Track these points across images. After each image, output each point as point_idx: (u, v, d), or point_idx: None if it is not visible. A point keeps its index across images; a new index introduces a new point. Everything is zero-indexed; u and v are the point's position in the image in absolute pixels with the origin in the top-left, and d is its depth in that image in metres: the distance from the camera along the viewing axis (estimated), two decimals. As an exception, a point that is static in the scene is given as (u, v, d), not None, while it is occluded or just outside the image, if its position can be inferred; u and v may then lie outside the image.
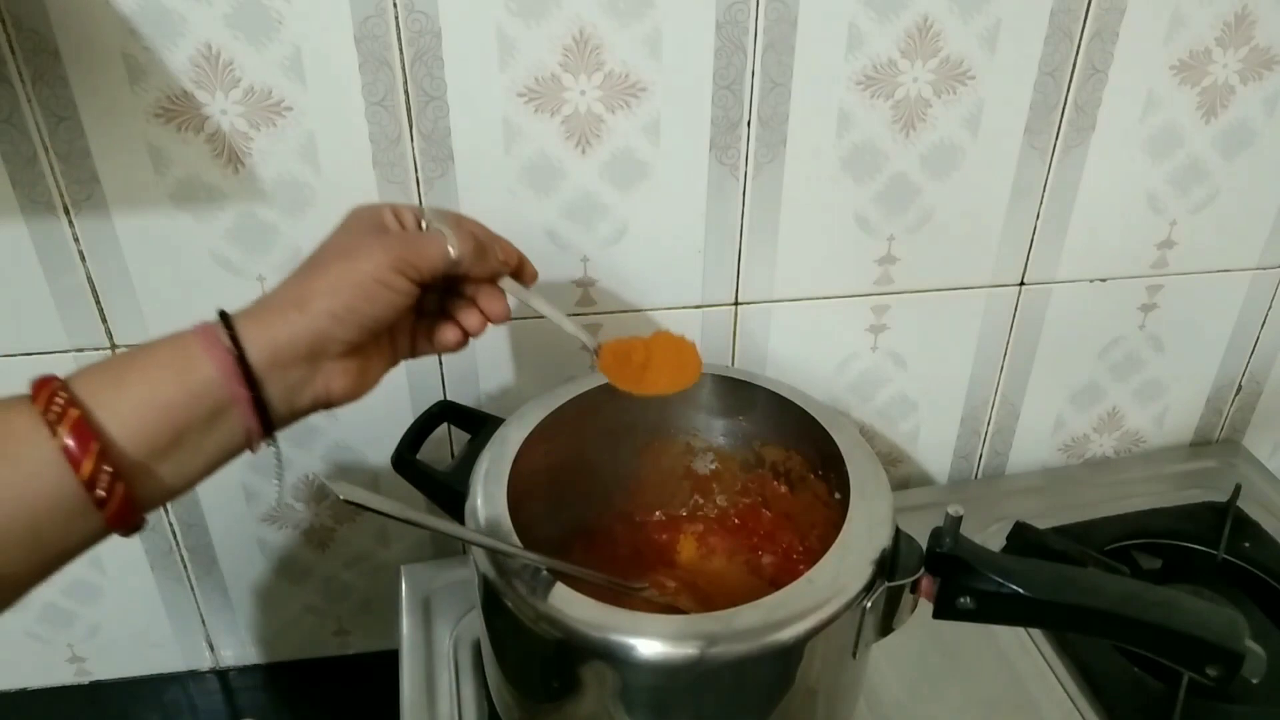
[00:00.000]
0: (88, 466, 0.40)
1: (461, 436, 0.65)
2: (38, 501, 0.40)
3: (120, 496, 0.41)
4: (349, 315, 0.47)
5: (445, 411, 0.66)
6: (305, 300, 0.46)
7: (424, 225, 0.52)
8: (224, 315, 0.47)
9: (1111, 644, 0.70)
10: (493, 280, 0.54)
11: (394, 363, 0.53)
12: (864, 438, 0.61)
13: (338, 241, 0.49)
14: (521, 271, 0.56)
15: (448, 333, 0.54)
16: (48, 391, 0.41)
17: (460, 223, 0.52)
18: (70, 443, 0.40)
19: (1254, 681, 0.56)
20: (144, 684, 0.85)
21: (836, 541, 0.53)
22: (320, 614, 0.86)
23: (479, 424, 0.64)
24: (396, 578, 0.76)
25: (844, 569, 0.52)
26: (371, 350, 0.50)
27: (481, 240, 0.52)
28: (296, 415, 0.48)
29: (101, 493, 0.40)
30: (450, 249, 0.50)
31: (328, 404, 0.49)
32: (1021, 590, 0.51)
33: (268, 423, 0.46)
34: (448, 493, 0.59)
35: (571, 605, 0.49)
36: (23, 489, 0.40)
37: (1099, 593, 0.52)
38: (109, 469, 0.41)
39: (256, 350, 0.45)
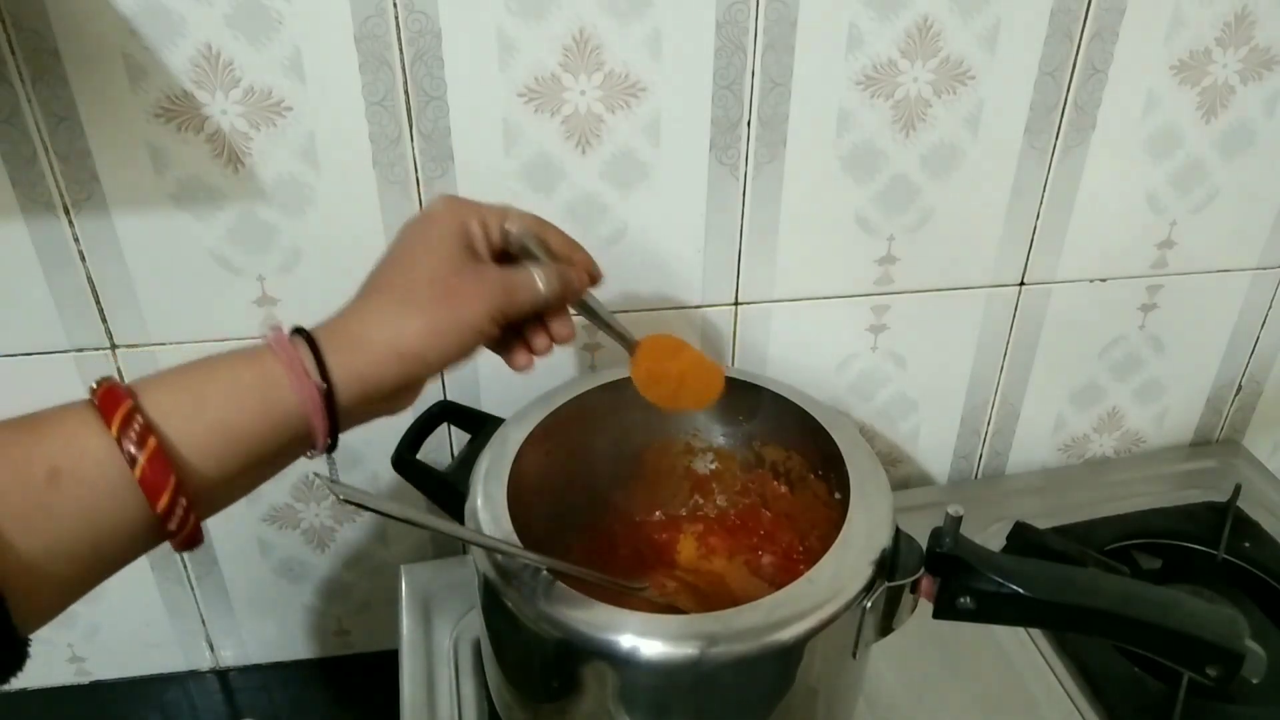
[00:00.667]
0: (164, 501, 0.39)
1: (461, 436, 0.65)
2: (105, 522, 0.38)
3: (192, 524, 0.40)
4: (439, 362, 0.46)
5: (445, 412, 0.66)
6: (399, 344, 0.45)
7: (508, 225, 0.50)
8: (309, 339, 0.44)
9: (1112, 644, 0.70)
10: (577, 299, 0.53)
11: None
12: (864, 438, 0.61)
13: (431, 267, 0.47)
14: (594, 281, 0.54)
15: (519, 357, 0.53)
16: (123, 411, 0.38)
17: (544, 230, 0.51)
18: (149, 474, 0.38)
19: (1254, 681, 0.56)
20: (144, 684, 0.85)
21: (836, 542, 0.53)
22: (320, 614, 0.86)
23: (479, 424, 0.64)
24: (396, 578, 0.76)
25: (844, 569, 0.52)
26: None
27: (565, 274, 0.51)
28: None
29: (174, 526, 0.39)
30: (541, 287, 0.49)
31: (371, 418, 0.47)
32: (1021, 590, 0.50)
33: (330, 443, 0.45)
34: (448, 492, 0.59)
35: (571, 605, 0.49)
36: (92, 511, 0.38)
37: (1099, 593, 0.52)
38: (184, 501, 0.39)
39: (345, 388, 0.43)
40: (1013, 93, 0.71)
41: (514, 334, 0.52)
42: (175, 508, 0.39)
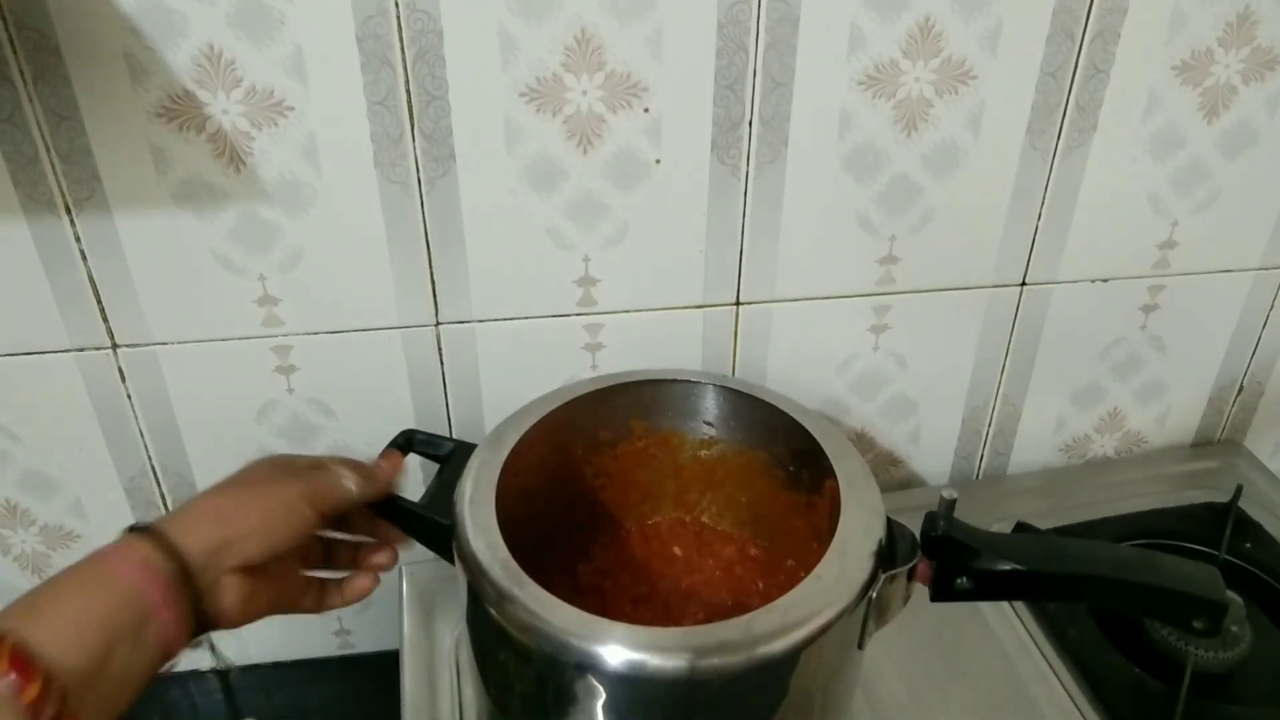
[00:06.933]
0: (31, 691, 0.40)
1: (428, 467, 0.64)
2: None
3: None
4: (256, 535, 0.50)
5: (411, 442, 0.64)
6: (222, 511, 0.50)
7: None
8: (135, 528, 0.48)
9: (1111, 644, 0.70)
10: (386, 497, 0.58)
11: (280, 607, 0.55)
12: (859, 437, 0.62)
13: (253, 473, 0.54)
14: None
15: (360, 580, 0.59)
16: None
17: (358, 466, 0.57)
18: (14, 676, 0.40)
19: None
20: (144, 683, 0.86)
21: (835, 538, 0.53)
22: (321, 614, 0.86)
23: (446, 452, 0.62)
24: (397, 578, 0.76)
25: (847, 564, 0.52)
26: (261, 578, 0.51)
27: (367, 470, 0.57)
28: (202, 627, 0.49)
29: None
30: (348, 484, 0.55)
31: (215, 623, 0.50)
32: (1017, 566, 0.52)
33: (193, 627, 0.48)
34: (428, 526, 0.58)
35: (594, 628, 0.48)
36: None
37: (1090, 560, 0.53)
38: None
39: (174, 552, 0.47)
40: (1014, 93, 0.71)
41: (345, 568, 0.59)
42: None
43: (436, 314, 0.72)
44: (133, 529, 0.48)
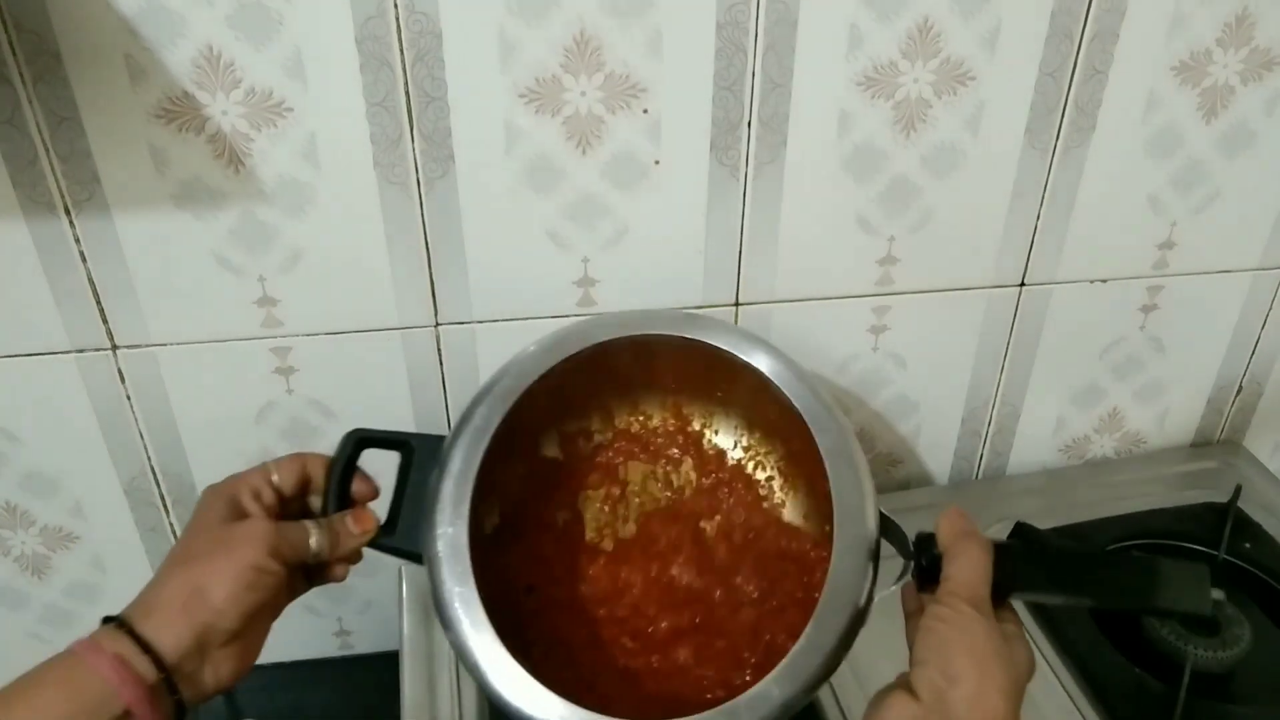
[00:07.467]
0: None
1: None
2: None
3: None
4: (229, 604, 0.49)
5: (359, 446, 0.58)
6: (181, 595, 0.48)
7: (274, 480, 0.55)
8: (109, 620, 0.48)
9: (1111, 644, 0.71)
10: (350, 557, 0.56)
11: (275, 617, 0.55)
12: (859, 437, 0.62)
13: (205, 537, 0.51)
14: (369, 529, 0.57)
15: (337, 570, 0.57)
16: None
17: (309, 469, 0.56)
18: None
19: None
20: (145, 684, 0.85)
21: (833, 548, 0.53)
22: (320, 614, 0.86)
23: (399, 441, 0.59)
24: (397, 578, 0.76)
25: (848, 572, 0.53)
26: (251, 632, 0.52)
27: (335, 531, 0.55)
28: (192, 706, 0.49)
29: None
30: (312, 543, 0.54)
31: (217, 691, 0.50)
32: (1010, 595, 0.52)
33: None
34: (402, 554, 0.57)
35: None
36: None
37: (1081, 590, 0.54)
38: None
39: (150, 649, 0.46)
40: (1013, 93, 0.71)
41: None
42: None
43: (436, 315, 0.72)
44: (106, 620, 0.48)
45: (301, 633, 0.86)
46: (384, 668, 0.76)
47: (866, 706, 0.48)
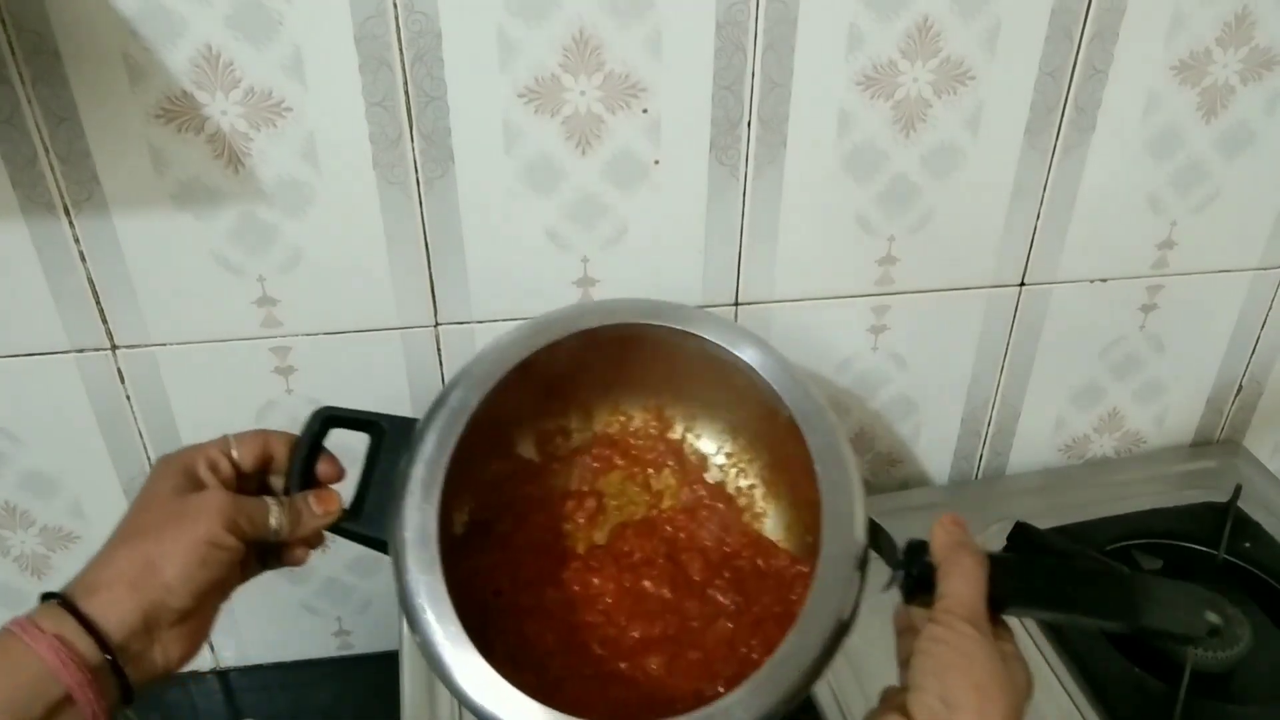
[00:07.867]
0: None
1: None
2: None
3: None
4: (185, 585, 0.46)
5: (329, 421, 0.56)
6: (131, 572, 0.46)
7: (234, 455, 0.52)
8: (50, 596, 0.45)
9: (1111, 644, 0.70)
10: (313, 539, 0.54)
11: (225, 599, 0.52)
12: (859, 437, 0.61)
13: (161, 503, 0.48)
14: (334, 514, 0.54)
15: (296, 552, 0.54)
16: None
17: (270, 446, 0.53)
18: None
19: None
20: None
21: (821, 552, 0.52)
22: (320, 614, 0.86)
23: (369, 422, 0.56)
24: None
25: (839, 574, 0.52)
26: (202, 611, 0.49)
27: (298, 512, 0.52)
28: (140, 689, 0.47)
29: None
30: (272, 520, 0.51)
31: (166, 674, 0.48)
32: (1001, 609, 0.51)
33: (119, 699, 0.45)
34: (369, 543, 0.55)
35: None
36: None
37: (1074, 608, 0.52)
38: None
39: (93, 628, 0.44)
40: (1013, 93, 0.71)
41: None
42: None
43: (435, 315, 0.72)
44: (46, 597, 0.45)
45: (301, 633, 0.86)
46: (384, 668, 0.76)
47: None
